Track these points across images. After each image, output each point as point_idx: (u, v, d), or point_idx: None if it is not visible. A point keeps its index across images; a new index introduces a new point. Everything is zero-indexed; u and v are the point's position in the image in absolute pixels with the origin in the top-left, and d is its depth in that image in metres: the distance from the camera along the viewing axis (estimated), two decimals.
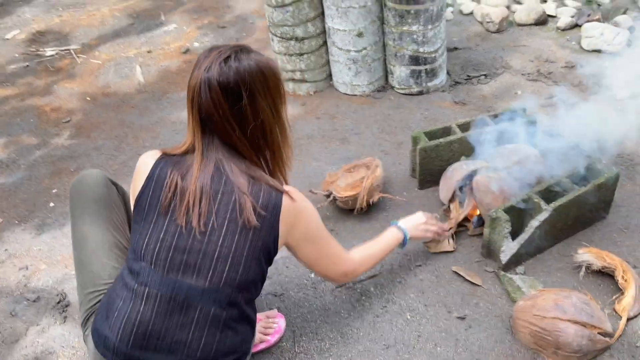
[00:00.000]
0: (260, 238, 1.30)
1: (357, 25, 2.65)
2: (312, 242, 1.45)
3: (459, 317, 1.73)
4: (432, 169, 2.18)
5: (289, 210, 1.33)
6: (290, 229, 1.36)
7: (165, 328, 1.28)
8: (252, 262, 1.30)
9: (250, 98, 1.27)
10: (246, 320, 1.36)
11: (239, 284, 1.30)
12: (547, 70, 2.84)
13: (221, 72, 1.24)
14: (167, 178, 1.30)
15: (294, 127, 2.75)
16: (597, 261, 1.76)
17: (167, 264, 1.28)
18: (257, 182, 1.31)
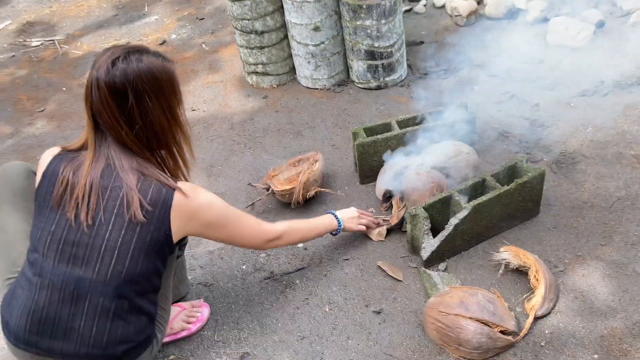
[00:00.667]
0: (148, 233, 1.35)
1: (313, 20, 2.67)
2: (219, 227, 1.50)
3: (375, 311, 1.77)
4: (372, 165, 2.21)
5: (181, 205, 1.37)
6: (186, 223, 1.40)
7: (59, 316, 1.35)
8: (139, 256, 1.35)
9: (137, 99, 1.31)
10: (139, 312, 1.41)
11: (126, 277, 1.35)
12: (508, 67, 2.82)
13: (108, 73, 1.29)
14: (60, 174, 1.35)
15: (253, 120, 2.80)
16: (514, 260, 1.77)
17: (57, 255, 1.34)
18: (148, 179, 1.35)
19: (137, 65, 1.30)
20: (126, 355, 1.41)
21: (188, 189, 1.40)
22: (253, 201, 2.25)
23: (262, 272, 1.96)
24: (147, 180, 1.35)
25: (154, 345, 1.50)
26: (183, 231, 1.42)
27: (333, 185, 2.31)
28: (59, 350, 1.37)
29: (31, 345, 1.38)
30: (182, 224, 1.40)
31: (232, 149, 2.62)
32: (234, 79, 3.18)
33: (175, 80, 1.39)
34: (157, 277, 1.44)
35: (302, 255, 2.01)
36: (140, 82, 1.30)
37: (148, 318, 1.45)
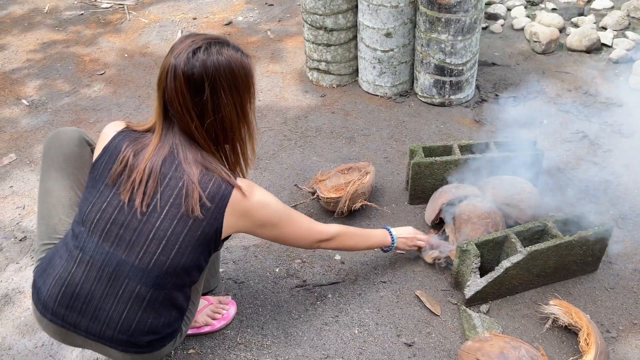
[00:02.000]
0: (199, 227, 1.30)
1: (387, 25, 2.57)
2: (270, 227, 1.45)
3: (407, 343, 1.68)
4: (425, 186, 2.10)
5: (237, 204, 1.33)
6: (238, 221, 1.36)
7: (92, 294, 1.32)
8: (186, 249, 1.31)
9: (213, 92, 1.27)
10: (172, 305, 1.37)
11: (168, 268, 1.31)
12: (583, 103, 2.66)
13: (187, 62, 1.24)
14: (121, 152, 1.32)
15: (307, 118, 2.73)
16: (564, 317, 1.65)
17: (103, 234, 1.31)
18: (209, 173, 1.31)
19: (217, 58, 1.26)
20: (150, 345, 1.37)
21: (246, 187, 1.35)
22: (296, 203, 2.18)
23: (295, 279, 1.90)
24: (209, 175, 1.31)
25: (177, 338, 1.46)
26: (234, 228, 1.38)
27: (380, 200, 2.22)
28: (85, 327, 1.34)
29: (58, 317, 1.35)
30: (234, 221, 1.35)
31: (282, 145, 2.55)
32: (294, 72, 3.12)
33: (251, 76, 1.35)
34: (198, 271, 1.39)
35: (338, 269, 1.93)
36: (218, 76, 1.26)
37: (179, 312, 1.40)
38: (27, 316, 1.81)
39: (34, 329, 1.76)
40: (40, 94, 3.08)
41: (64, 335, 1.39)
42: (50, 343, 1.71)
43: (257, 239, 2.05)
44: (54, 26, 3.86)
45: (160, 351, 1.42)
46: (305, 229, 1.54)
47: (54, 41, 3.65)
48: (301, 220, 1.54)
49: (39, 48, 3.57)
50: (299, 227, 1.53)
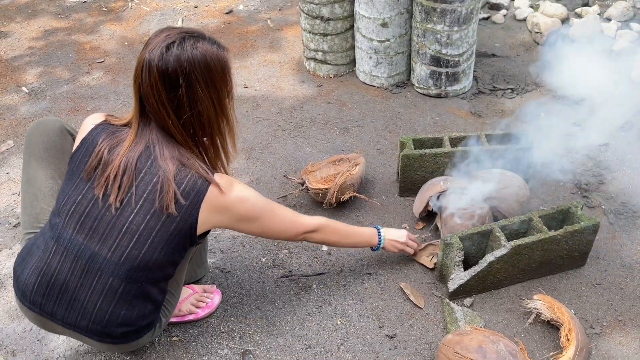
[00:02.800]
0: (173, 223, 1.31)
1: (383, 15, 2.55)
2: (251, 221, 1.44)
3: (388, 335, 1.68)
4: (414, 178, 2.09)
5: (214, 200, 1.33)
6: (215, 216, 1.36)
7: (67, 284, 1.34)
8: (159, 244, 1.31)
9: (188, 87, 1.26)
10: (145, 298, 1.38)
11: (140, 262, 1.32)
12: (582, 97, 2.61)
13: (162, 57, 1.23)
14: (97, 146, 1.32)
15: (303, 108, 2.72)
16: (547, 312, 1.64)
17: (77, 225, 1.32)
18: (186, 169, 1.31)
19: (192, 53, 1.25)
20: (124, 336, 1.39)
21: (224, 183, 1.35)
22: (286, 193, 2.18)
23: (281, 269, 1.90)
24: (185, 171, 1.31)
25: (155, 329, 1.48)
26: (210, 224, 1.38)
27: (371, 191, 2.21)
28: (61, 317, 1.37)
29: (35, 306, 1.38)
30: (210, 216, 1.35)
31: (276, 135, 2.55)
32: (291, 62, 3.11)
33: (228, 70, 1.33)
34: (173, 266, 1.40)
35: (324, 260, 1.93)
36: (193, 70, 1.25)
37: (154, 305, 1.42)
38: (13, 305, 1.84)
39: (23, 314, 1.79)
40: (40, 82, 3.10)
41: (44, 323, 1.42)
42: (38, 328, 1.74)
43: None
44: (56, 14, 3.88)
45: (137, 342, 1.44)
46: (288, 221, 1.53)
47: (56, 29, 3.67)
48: (284, 213, 1.52)
49: (41, 36, 3.59)
50: (282, 219, 1.51)
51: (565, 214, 1.80)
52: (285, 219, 1.52)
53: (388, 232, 1.79)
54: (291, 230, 1.55)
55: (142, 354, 1.64)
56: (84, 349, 1.67)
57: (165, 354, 1.64)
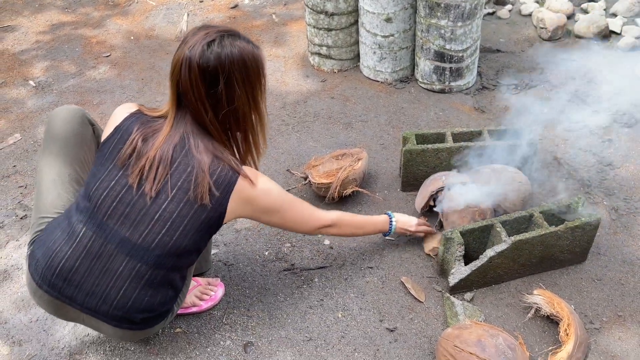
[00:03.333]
0: (204, 212, 1.35)
1: (387, 10, 2.55)
2: (273, 213, 1.50)
3: (389, 328, 1.70)
4: (417, 173, 2.10)
5: (243, 191, 1.38)
6: (241, 207, 1.41)
7: (91, 269, 1.36)
8: (190, 231, 1.35)
9: (227, 84, 1.31)
10: (169, 285, 1.41)
11: (170, 249, 1.35)
12: (586, 93, 2.61)
13: (202, 55, 1.28)
14: (131, 135, 1.36)
15: (307, 103, 2.73)
16: (546, 307, 1.65)
17: (108, 211, 1.35)
18: (219, 161, 1.36)
19: (231, 51, 1.30)
20: (143, 322, 1.43)
21: (252, 175, 1.40)
22: (289, 188, 2.20)
23: (283, 263, 1.92)
24: (218, 163, 1.36)
25: (168, 317, 1.51)
26: (236, 214, 1.43)
27: (373, 186, 2.23)
28: (81, 301, 1.39)
29: (55, 290, 1.39)
30: (237, 207, 1.40)
31: (280, 129, 2.57)
32: (296, 57, 3.11)
33: (263, 67, 1.38)
34: (197, 253, 1.44)
35: (326, 254, 1.95)
36: (232, 68, 1.30)
37: (174, 292, 1.45)
38: (23, 292, 1.87)
39: (29, 304, 1.82)
40: (47, 75, 3.13)
41: (57, 308, 1.44)
42: (45, 318, 1.77)
43: (249, 222, 2.08)
44: (63, 8, 3.90)
45: (153, 328, 1.47)
46: (307, 215, 1.59)
47: (62, 23, 3.70)
48: (302, 207, 1.58)
49: (48, 29, 3.62)
50: (301, 213, 1.57)
51: (566, 210, 1.81)
52: (304, 213, 1.59)
53: (399, 219, 1.86)
54: (308, 224, 1.61)
55: (146, 345, 1.67)
56: (89, 340, 1.70)
57: (168, 344, 1.67)
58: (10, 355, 1.67)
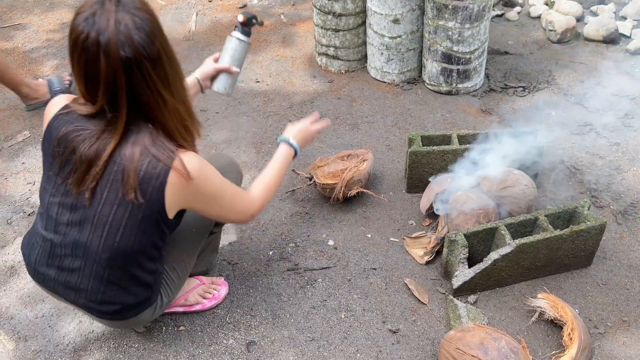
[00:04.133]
0: (141, 210, 1.28)
1: (395, 11, 2.55)
2: (212, 204, 1.41)
3: (391, 329, 1.70)
4: (422, 175, 2.10)
5: (176, 184, 1.28)
6: (180, 199, 1.32)
7: (60, 269, 1.39)
8: (132, 232, 1.30)
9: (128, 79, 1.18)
10: (134, 281, 1.40)
11: (117, 250, 1.32)
12: (594, 96, 2.60)
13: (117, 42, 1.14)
14: (59, 136, 1.28)
15: (313, 103, 2.74)
16: (550, 310, 1.64)
17: (57, 216, 1.35)
18: (148, 154, 1.25)
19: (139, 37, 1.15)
20: (119, 313, 1.43)
21: (187, 164, 1.28)
22: (294, 188, 2.20)
23: (287, 263, 1.93)
24: (148, 156, 1.25)
25: (156, 308, 1.50)
26: (178, 206, 1.35)
27: (378, 187, 2.23)
28: (62, 294, 1.43)
29: (40, 282, 1.46)
30: (176, 200, 1.31)
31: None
32: (303, 57, 3.12)
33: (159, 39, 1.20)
34: (155, 249, 1.40)
35: (330, 254, 1.95)
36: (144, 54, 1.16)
37: (144, 286, 1.44)
38: (30, 288, 1.89)
39: (35, 300, 1.84)
40: (56, 73, 3.15)
41: (54, 296, 1.49)
42: (50, 314, 1.79)
43: (254, 222, 2.09)
44: (74, 6, 3.92)
45: (136, 318, 1.47)
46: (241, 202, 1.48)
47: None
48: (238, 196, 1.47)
49: (59, 28, 3.64)
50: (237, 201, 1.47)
51: (572, 214, 1.80)
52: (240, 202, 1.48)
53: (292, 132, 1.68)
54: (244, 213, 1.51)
55: (150, 342, 1.68)
56: (93, 336, 1.71)
57: (172, 342, 1.68)
58: (16, 351, 1.69)
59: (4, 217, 2.20)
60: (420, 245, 1.94)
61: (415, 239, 1.96)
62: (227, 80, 1.73)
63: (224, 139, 2.55)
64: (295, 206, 2.16)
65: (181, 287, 1.62)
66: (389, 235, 2.01)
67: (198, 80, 1.72)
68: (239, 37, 1.71)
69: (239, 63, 1.73)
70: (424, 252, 1.90)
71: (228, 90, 1.74)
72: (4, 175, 2.42)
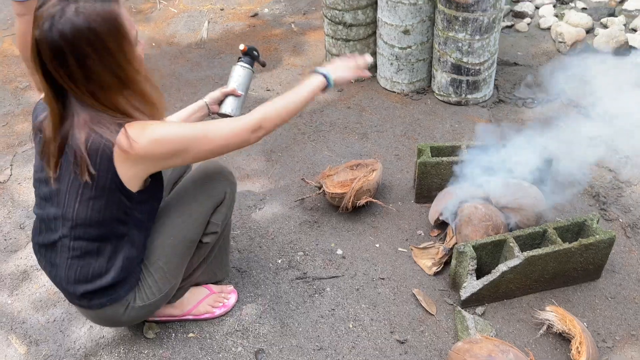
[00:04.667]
0: (94, 182, 1.31)
1: (405, 22, 2.57)
2: (179, 154, 1.37)
3: (399, 340, 1.71)
4: (431, 186, 2.11)
5: (122, 156, 1.29)
6: (135, 168, 1.34)
7: (44, 244, 1.48)
8: (87, 202, 1.35)
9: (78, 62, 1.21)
10: (99, 255, 1.43)
11: (77, 221, 1.38)
12: (604, 108, 2.59)
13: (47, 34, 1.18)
14: (38, 121, 1.39)
15: (323, 112, 2.76)
16: (559, 323, 1.64)
17: (39, 192, 1.47)
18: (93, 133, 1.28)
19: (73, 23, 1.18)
20: (85, 297, 1.47)
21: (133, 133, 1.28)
22: (303, 197, 2.22)
23: (296, 271, 1.94)
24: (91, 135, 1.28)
25: (127, 308, 1.52)
26: (137, 176, 1.36)
27: (387, 197, 2.24)
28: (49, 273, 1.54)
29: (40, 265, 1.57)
30: (130, 170, 1.33)
31: (296, 138, 2.60)
32: (313, 66, 3.14)
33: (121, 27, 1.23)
34: (122, 224, 1.42)
35: (339, 263, 1.96)
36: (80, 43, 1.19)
37: (111, 270, 1.45)
38: (42, 292, 1.91)
39: (47, 305, 1.86)
40: None
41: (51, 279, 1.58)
42: (62, 319, 1.81)
43: (263, 231, 2.11)
44: None
45: (103, 310, 1.50)
46: (227, 133, 1.43)
47: None
48: (220, 127, 1.43)
49: None
50: (218, 135, 1.42)
51: (580, 227, 1.80)
52: (221, 132, 1.42)
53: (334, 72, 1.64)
54: (236, 138, 1.45)
55: (159, 349, 1.70)
56: (104, 342, 1.73)
57: (181, 349, 1.69)
58: (27, 355, 1.71)
59: (17, 222, 2.23)
60: (428, 255, 1.95)
61: (424, 250, 1.97)
62: (234, 103, 1.81)
63: None
64: (304, 215, 2.17)
65: (163, 298, 1.59)
66: (397, 246, 2.02)
67: (206, 104, 1.80)
68: (243, 65, 1.83)
69: (244, 88, 1.83)
70: (432, 263, 1.91)
71: (235, 112, 1.80)
72: (17, 180, 2.45)
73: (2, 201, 2.34)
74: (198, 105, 1.80)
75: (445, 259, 1.90)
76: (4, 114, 2.93)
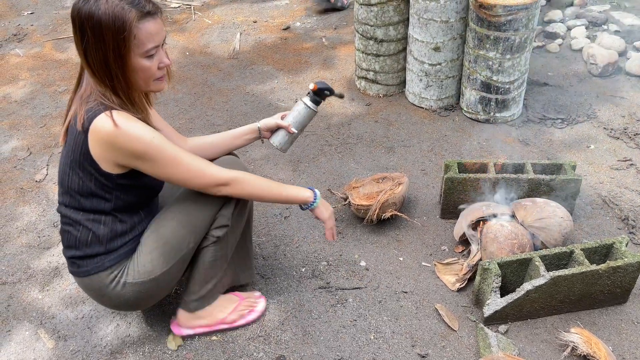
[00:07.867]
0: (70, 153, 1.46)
1: (436, 39, 2.59)
2: (149, 161, 1.43)
3: (420, 354, 1.70)
4: (457, 201, 2.11)
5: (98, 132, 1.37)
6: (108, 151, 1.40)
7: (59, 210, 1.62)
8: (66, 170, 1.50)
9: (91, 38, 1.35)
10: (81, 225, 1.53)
11: (63, 188, 1.54)
12: (635, 131, 2.57)
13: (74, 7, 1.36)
14: None
15: (350, 125, 2.79)
16: (584, 346, 1.62)
17: None
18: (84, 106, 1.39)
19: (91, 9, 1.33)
20: (73, 264, 1.57)
21: (116, 119, 1.36)
22: None
23: (319, 280, 1.96)
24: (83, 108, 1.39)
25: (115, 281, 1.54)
26: (107, 159, 1.42)
27: (412, 211, 2.25)
28: None
29: None
30: (103, 151, 1.40)
31: (323, 150, 2.63)
32: (343, 80, 3.19)
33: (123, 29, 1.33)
34: (103, 200, 1.50)
35: (362, 275, 1.98)
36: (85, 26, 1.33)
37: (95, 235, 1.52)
38: (72, 289, 1.97)
39: (77, 302, 1.92)
40: None
41: None
42: (90, 316, 1.86)
43: (288, 239, 2.13)
44: None
45: (89, 279, 1.55)
46: (194, 170, 1.49)
47: None
48: (190, 161, 1.48)
49: None
50: (187, 168, 1.48)
51: (608, 249, 1.78)
52: (191, 167, 1.48)
53: (323, 201, 1.72)
54: (198, 180, 1.51)
55: (182, 350, 1.73)
56: (129, 340, 1.77)
57: (204, 351, 1.72)
58: (55, 350, 1.76)
59: (51, 220, 2.31)
60: (452, 271, 1.95)
61: (447, 265, 1.97)
62: (284, 138, 1.80)
63: (262, 156, 2.62)
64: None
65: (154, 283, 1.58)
66: (421, 260, 2.03)
67: (259, 129, 1.82)
68: (306, 103, 1.78)
69: (301, 126, 1.80)
70: (456, 279, 1.91)
71: (282, 146, 1.81)
72: (53, 179, 2.54)
73: (38, 200, 2.42)
74: (250, 128, 1.82)
75: (469, 276, 1.90)
76: (43, 115, 3.04)
